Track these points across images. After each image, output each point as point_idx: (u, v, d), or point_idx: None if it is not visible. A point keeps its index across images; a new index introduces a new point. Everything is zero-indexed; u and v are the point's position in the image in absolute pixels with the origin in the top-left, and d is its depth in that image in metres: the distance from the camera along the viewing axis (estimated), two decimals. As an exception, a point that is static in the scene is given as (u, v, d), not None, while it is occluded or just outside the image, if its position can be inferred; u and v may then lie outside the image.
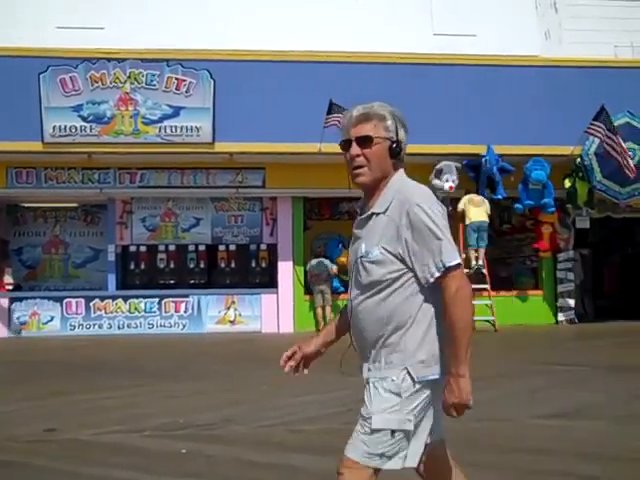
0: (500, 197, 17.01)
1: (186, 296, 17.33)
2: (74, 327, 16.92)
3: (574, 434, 6.39)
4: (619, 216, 18.32)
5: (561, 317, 18.01)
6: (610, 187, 16.61)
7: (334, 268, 17.20)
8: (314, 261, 17.23)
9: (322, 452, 5.79)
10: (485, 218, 16.45)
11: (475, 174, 17.00)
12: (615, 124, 15.88)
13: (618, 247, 21.97)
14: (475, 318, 16.57)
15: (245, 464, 5.49)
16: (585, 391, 8.53)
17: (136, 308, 17.12)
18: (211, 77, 16.05)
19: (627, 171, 15.60)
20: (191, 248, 17.97)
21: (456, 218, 16.80)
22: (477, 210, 16.39)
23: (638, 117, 16.41)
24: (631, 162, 15.66)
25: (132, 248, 17.82)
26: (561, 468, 5.32)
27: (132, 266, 17.84)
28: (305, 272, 17.35)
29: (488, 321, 16.40)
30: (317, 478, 5.09)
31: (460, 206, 16.53)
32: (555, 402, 7.84)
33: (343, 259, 17.62)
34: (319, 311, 17.05)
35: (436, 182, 16.79)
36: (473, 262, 16.49)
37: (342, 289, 17.76)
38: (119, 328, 16.98)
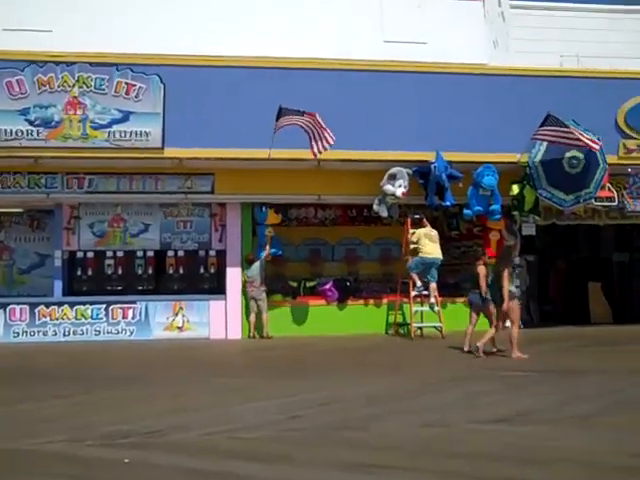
0: (449, 204, 17.14)
1: (134, 302, 17.15)
2: (18, 334, 16.61)
3: (515, 439, 6.48)
4: (564, 223, 18.63)
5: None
6: (555, 194, 16.88)
7: (267, 250, 17.08)
8: (247, 269, 17.10)
9: (267, 459, 5.80)
10: (440, 256, 16.45)
11: (424, 181, 17.11)
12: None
13: (563, 253, 22.33)
14: (423, 325, 16.69)
15: (188, 472, 5.46)
16: (528, 396, 8.66)
17: (82, 314, 16.89)
18: (161, 82, 15.92)
19: (593, 145, 15.87)
20: (139, 254, 17.77)
21: (407, 243, 16.98)
22: (434, 246, 16.38)
23: (583, 126, 16.68)
24: (588, 138, 15.88)
25: (79, 254, 17.55)
26: (502, 473, 5.39)
27: (79, 272, 17.59)
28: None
29: (435, 327, 16.52)
30: (261, 486, 5.09)
31: (414, 238, 16.55)
32: (498, 407, 7.94)
33: (273, 220, 17.51)
34: (251, 318, 16.97)
35: (388, 187, 16.86)
36: (418, 282, 16.36)
37: (280, 253, 17.75)
38: (65, 335, 16.73)
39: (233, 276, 17.30)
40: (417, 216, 17.41)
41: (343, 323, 17.43)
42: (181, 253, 17.82)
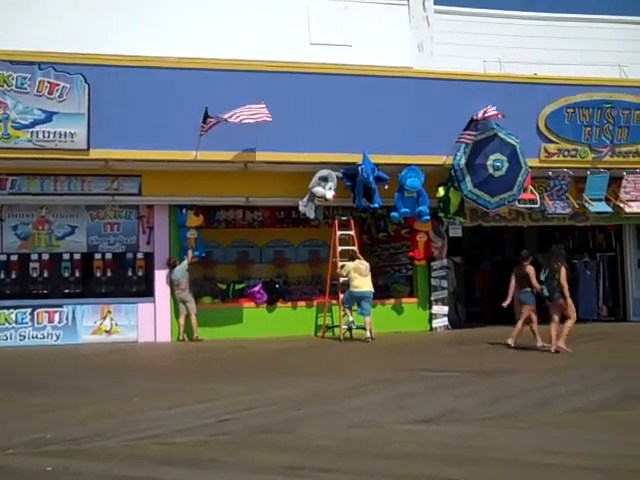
0: (376, 205, 17.30)
1: (60, 306, 16.89)
2: (-62, 340, 16.24)
3: (441, 438, 6.58)
4: (489, 225, 19.00)
5: (435, 324, 18.46)
6: (480, 196, 17.20)
7: (189, 254, 16.98)
8: (171, 272, 17.01)
9: (193, 464, 5.78)
10: (371, 289, 16.25)
11: (351, 183, 17.24)
12: (483, 136, 16.69)
13: (489, 255, 22.74)
14: (351, 326, 16.68)
15: None
16: (453, 396, 8.80)
17: (6, 319, 16.55)
18: (85, 82, 15.70)
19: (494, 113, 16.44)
20: (66, 257, 17.48)
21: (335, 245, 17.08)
22: (364, 280, 16.13)
23: (505, 130, 17.04)
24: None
25: (2, 257, 17.19)
26: (427, 472, 5.47)
27: (2, 275, 17.22)
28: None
29: (364, 328, 16.59)
30: (187, 491, 5.07)
31: (343, 272, 16.35)
32: (424, 407, 8.06)
33: (193, 222, 17.37)
34: (180, 321, 16.88)
35: (317, 189, 16.92)
36: (350, 317, 16.25)
37: (203, 254, 17.65)
38: (-12, 341, 16.40)
39: (161, 278, 17.19)
40: (344, 218, 17.55)
41: (272, 325, 17.47)
42: (108, 256, 17.60)
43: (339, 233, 17.16)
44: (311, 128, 16.45)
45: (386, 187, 17.03)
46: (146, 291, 17.43)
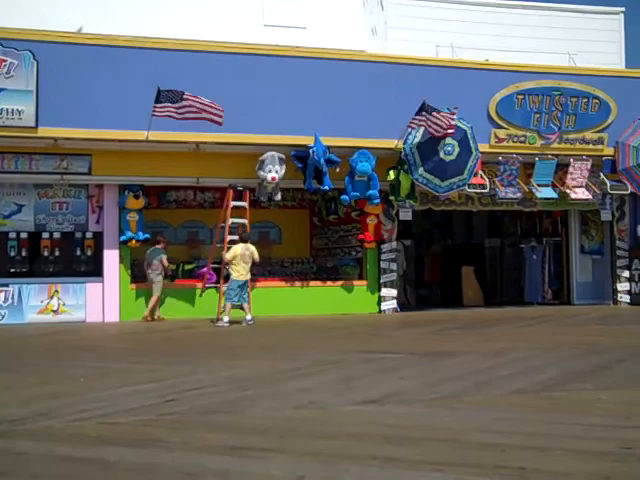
0: (327, 188, 17.37)
1: (6, 285, 16.71)
2: None
3: (385, 419, 6.67)
4: (439, 208, 19.18)
5: (384, 306, 18.60)
6: (430, 180, 17.36)
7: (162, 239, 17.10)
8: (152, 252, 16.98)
9: (138, 444, 5.78)
10: (247, 277, 15.94)
11: (302, 165, 17.28)
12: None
13: (438, 238, 22.99)
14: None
15: (57, 460, 5.38)
16: (399, 377, 8.91)
17: (-50, 298, 16.34)
18: (34, 58, 15.48)
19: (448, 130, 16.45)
20: (12, 235, 17.28)
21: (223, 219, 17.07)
22: (243, 267, 15.78)
23: (456, 115, 17.16)
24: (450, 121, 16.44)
25: (-53, 235, 16.95)
26: (369, 452, 5.54)
27: (-53, 254, 16.98)
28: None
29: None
30: (132, 471, 5.08)
31: (228, 256, 15.85)
32: (370, 389, 8.14)
33: (132, 204, 17.23)
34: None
35: (260, 173, 16.99)
36: (226, 317, 15.77)
37: (141, 238, 17.30)
38: None
39: (111, 258, 17.07)
40: (240, 188, 17.24)
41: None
42: (57, 235, 17.43)
43: (232, 203, 17.05)
44: (263, 110, 16.45)
45: (337, 170, 17.12)
46: (95, 271, 17.30)
